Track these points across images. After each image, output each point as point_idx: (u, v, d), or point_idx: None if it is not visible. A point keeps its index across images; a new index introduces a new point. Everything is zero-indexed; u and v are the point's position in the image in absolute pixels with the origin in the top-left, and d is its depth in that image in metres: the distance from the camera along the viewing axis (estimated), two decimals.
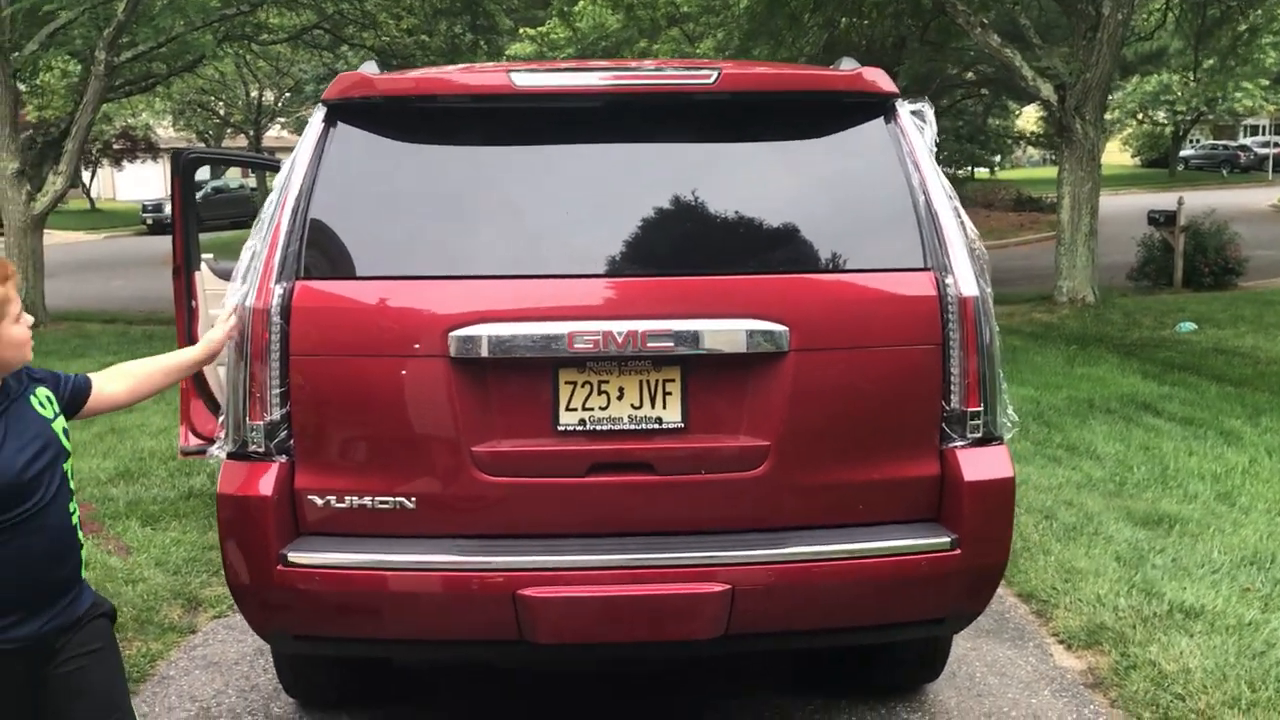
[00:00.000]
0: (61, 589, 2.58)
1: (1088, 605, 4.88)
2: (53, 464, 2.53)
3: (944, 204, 3.25)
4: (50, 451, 2.53)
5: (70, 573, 2.61)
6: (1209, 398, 9.40)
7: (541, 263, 3.18)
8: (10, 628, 2.48)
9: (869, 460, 3.18)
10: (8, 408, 2.49)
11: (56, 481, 2.54)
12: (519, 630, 3.06)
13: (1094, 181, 15.41)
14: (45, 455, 2.51)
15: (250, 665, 4.52)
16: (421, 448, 3.13)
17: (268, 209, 3.34)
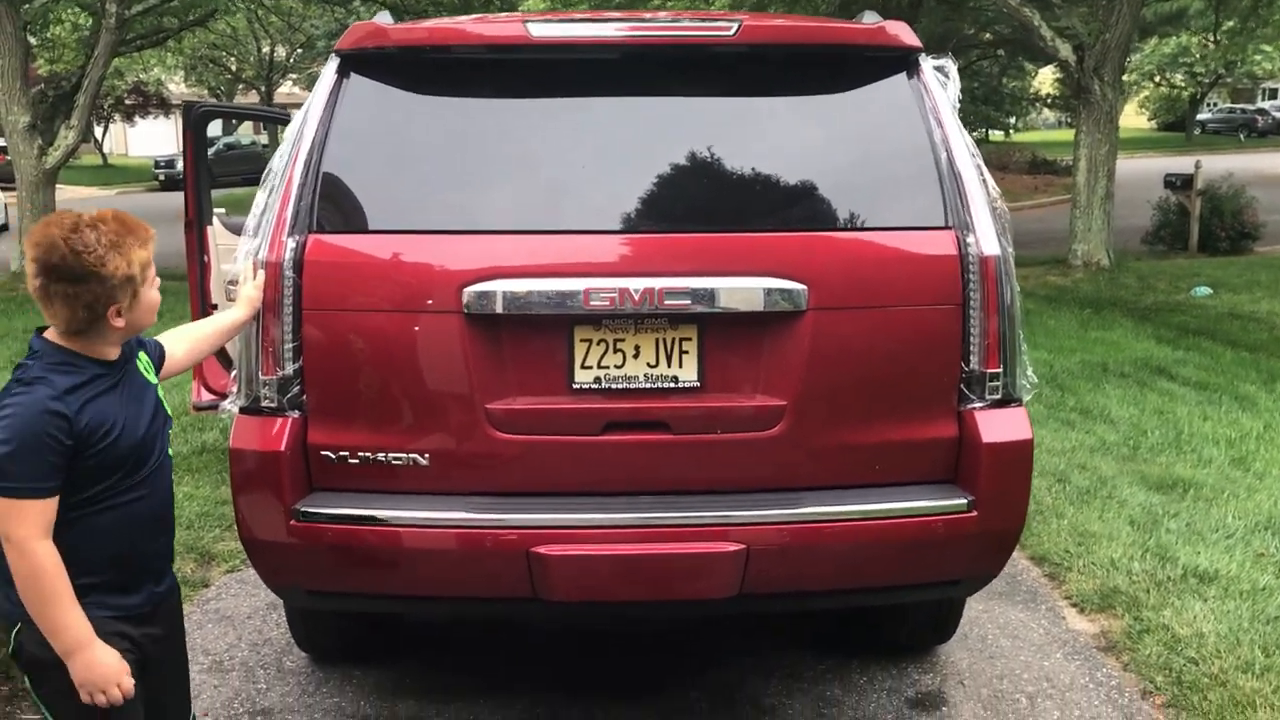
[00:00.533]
0: (165, 555, 2.60)
1: (1101, 569, 4.87)
2: (161, 428, 2.53)
3: (966, 161, 3.20)
4: (159, 416, 2.53)
5: (170, 539, 2.63)
6: (1224, 363, 9.35)
7: (557, 218, 3.14)
8: (139, 590, 2.48)
9: (886, 421, 3.15)
10: (125, 371, 2.47)
11: (164, 445, 2.54)
12: (533, 588, 3.05)
13: (1111, 144, 15.25)
14: (157, 419, 2.51)
15: (263, 619, 4.54)
16: (435, 404, 3.10)
17: (279, 161, 3.30)
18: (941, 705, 3.84)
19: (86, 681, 2.31)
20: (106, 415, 2.35)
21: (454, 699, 3.86)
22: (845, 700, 3.87)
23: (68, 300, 2.31)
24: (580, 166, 3.22)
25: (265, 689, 3.96)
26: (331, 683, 3.99)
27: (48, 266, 2.30)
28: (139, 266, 2.38)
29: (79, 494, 2.32)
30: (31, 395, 2.27)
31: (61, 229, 2.31)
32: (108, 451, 2.35)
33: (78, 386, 2.32)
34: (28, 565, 2.25)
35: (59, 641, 2.30)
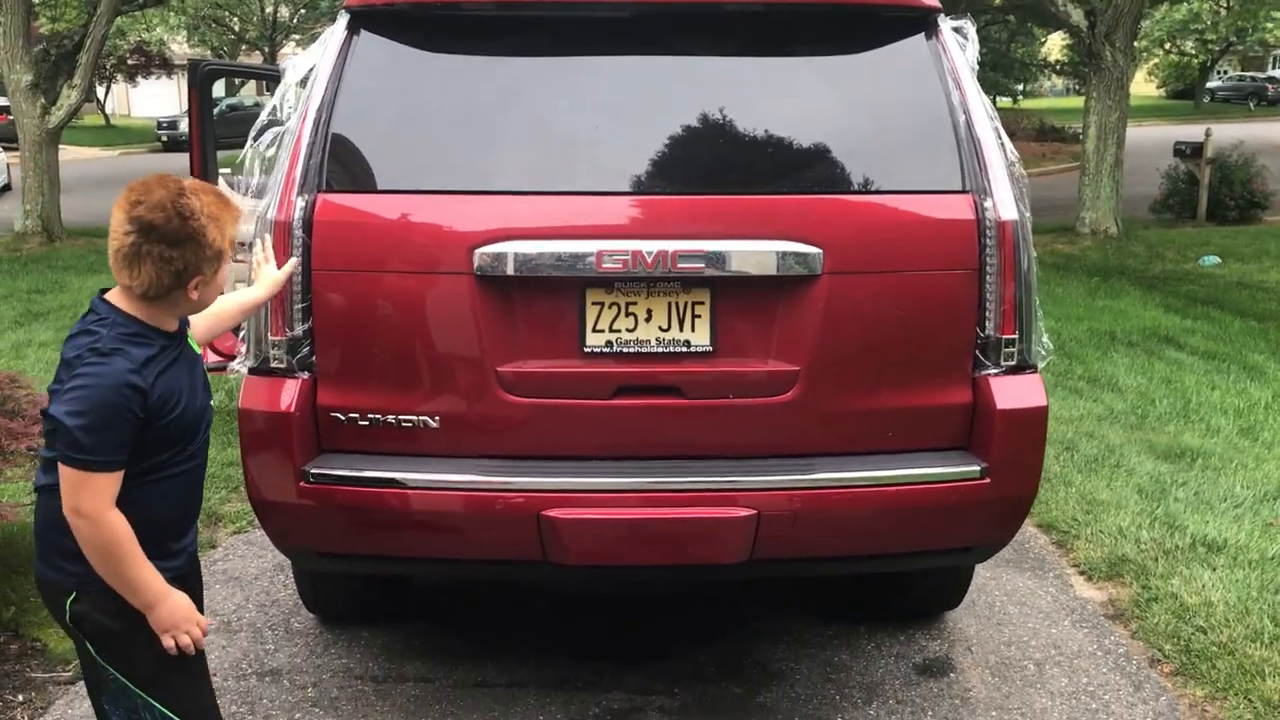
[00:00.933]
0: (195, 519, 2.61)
1: (1109, 537, 4.86)
2: (209, 399, 2.53)
3: (985, 125, 3.15)
4: (207, 386, 2.53)
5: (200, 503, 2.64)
6: (1232, 332, 9.31)
7: (570, 178, 3.11)
8: (182, 552, 2.50)
9: (900, 387, 3.12)
10: (183, 343, 2.46)
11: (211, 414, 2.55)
12: (543, 551, 3.04)
13: (1121, 111, 15.12)
14: (207, 389, 2.52)
15: (270, 580, 4.54)
16: (445, 366, 3.08)
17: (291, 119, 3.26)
18: (949, 671, 3.84)
19: (170, 627, 2.34)
20: (174, 387, 2.35)
21: (461, 661, 3.87)
22: (853, 666, 3.87)
23: (160, 263, 2.28)
24: (593, 126, 3.18)
25: (273, 650, 3.96)
26: (339, 644, 4.00)
27: (149, 226, 2.26)
28: (228, 243, 2.39)
29: (138, 465, 2.31)
30: (110, 367, 2.23)
31: (168, 190, 2.29)
32: (174, 424, 2.35)
33: (151, 359, 2.30)
34: (102, 536, 2.25)
35: (139, 598, 2.31)
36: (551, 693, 3.66)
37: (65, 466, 2.21)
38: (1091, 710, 3.58)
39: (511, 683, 3.73)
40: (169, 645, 2.35)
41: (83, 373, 2.23)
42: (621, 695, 3.65)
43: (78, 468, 2.21)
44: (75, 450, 2.20)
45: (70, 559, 2.32)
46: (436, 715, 3.53)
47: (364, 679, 3.76)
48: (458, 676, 3.77)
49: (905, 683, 3.77)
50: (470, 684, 3.72)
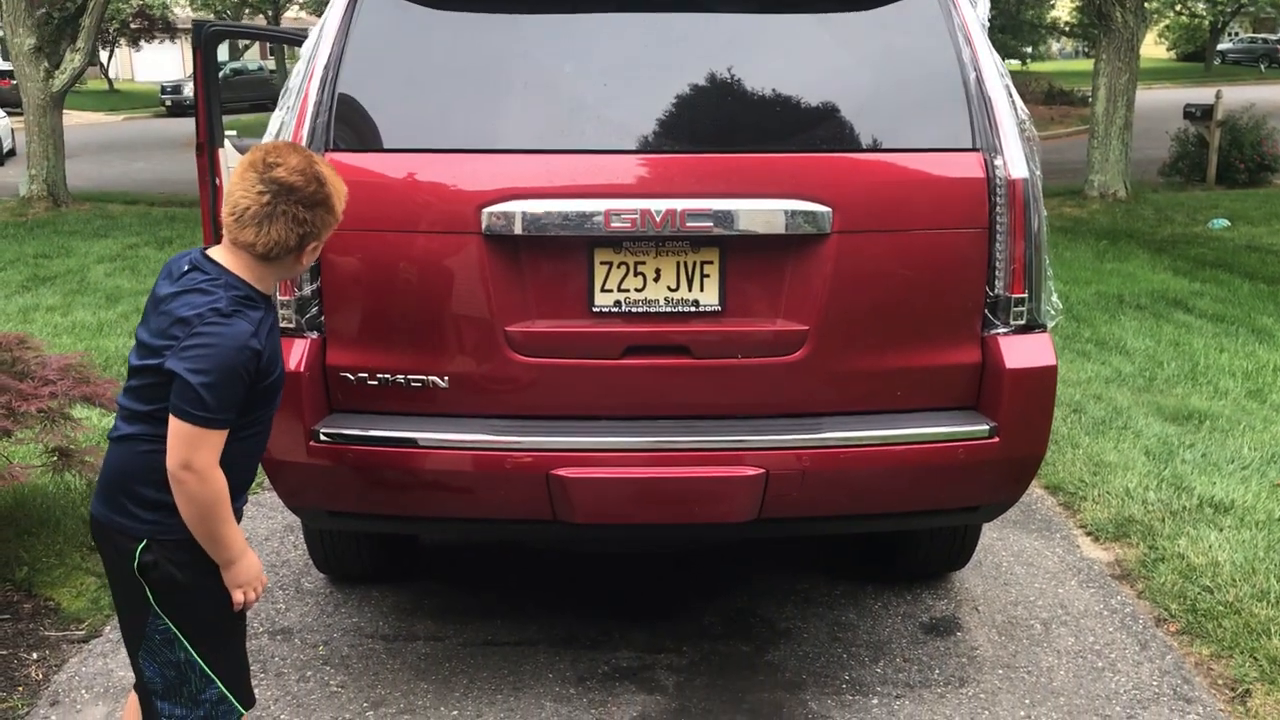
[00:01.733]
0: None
1: (1116, 498, 4.87)
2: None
3: (996, 82, 3.13)
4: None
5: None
6: (1241, 295, 9.28)
7: (578, 137, 3.09)
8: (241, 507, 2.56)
9: (909, 346, 3.12)
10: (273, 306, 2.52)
11: None
12: (552, 510, 3.05)
13: (1131, 73, 14.98)
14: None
15: (280, 541, 4.57)
16: (454, 326, 3.08)
17: (295, 79, 3.25)
18: (956, 630, 3.86)
19: (244, 583, 2.44)
20: (276, 349, 2.46)
21: (471, 619, 3.90)
22: (860, 624, 3.90)
23: (291, 223, 2.36)
24: (602, 84, 3.16)
25: (284, 609, 3.99)
26: (350, 603, 4.03)
27: (290, 186, 2.35)
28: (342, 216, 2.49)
29: (240, 420, 2.37)
30: (234, 329, 2.29)
31: (304, 156, 2.40)
32: (272, 385, 2.44)
33: (261, 321, 2.37)
34: (207, 492, 2.30)
35: (224, 553, 2.39)
36: (560, 651, 3.69)
37: (183, 422, 2.26)
38: (1098, 668, 3.60)
39: (521, 641, 3.76)
40: (238, 600, 2.44)
41: (204, 332, 2.27)
42: (630, 653, 3.68)
43: (198, 424, 2.26)
44: (197, 407, 2.25)
45: (148, 507, 2.37)
46: (447, 673, 3.56)
47: (374, 637, 3.79)
48: (467, 635, 3.80)
49: (912, 641, 3.79)
50: (480, 642, 3.75)
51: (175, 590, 2.40)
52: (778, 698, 3.44)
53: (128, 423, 2.41)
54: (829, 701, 3.42)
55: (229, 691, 2.49)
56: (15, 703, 3.37)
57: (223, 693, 2.47)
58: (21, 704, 3.37)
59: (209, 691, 2.46)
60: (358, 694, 3.45)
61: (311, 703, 3.40)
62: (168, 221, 13.53)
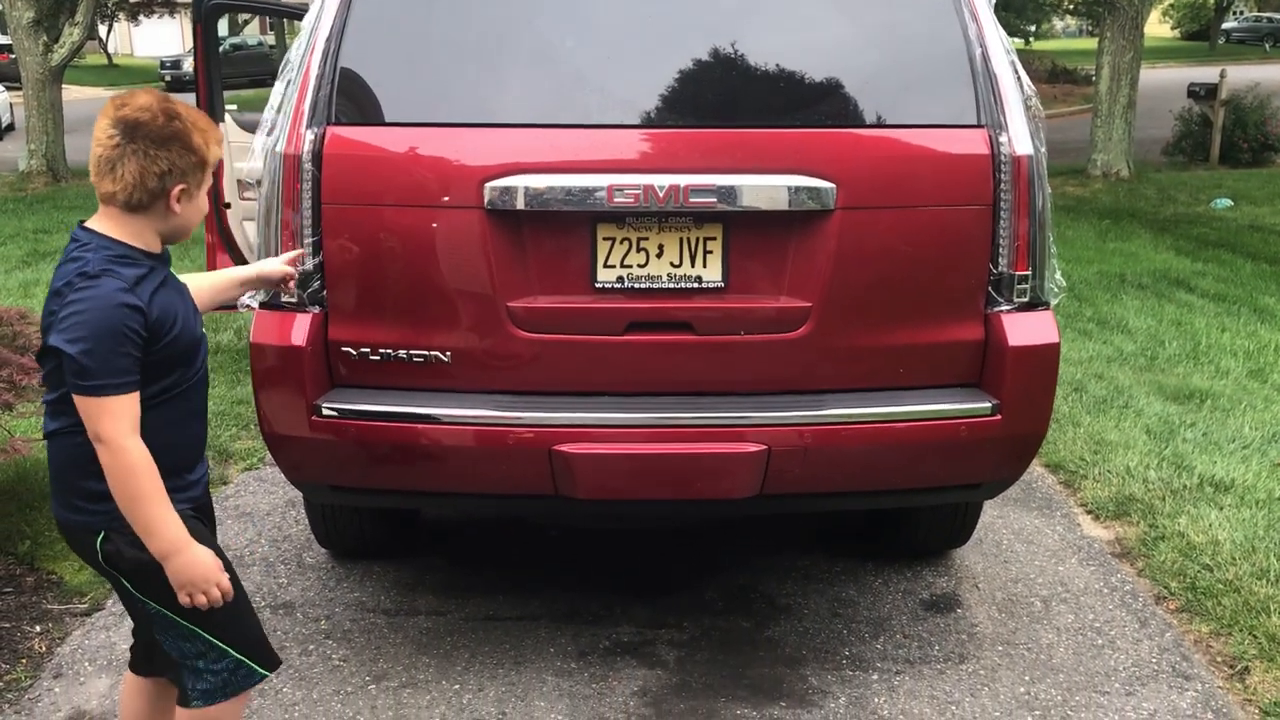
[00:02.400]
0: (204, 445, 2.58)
1: (1117, 477, 4.87)
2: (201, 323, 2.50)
3: (1001, 58, 3.11)
4: (199, 315, 2.50)
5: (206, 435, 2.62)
6: (1243, 275, 9.27)
7: (581, 111, 3.07)
8: (198, 482, 2.49)
9: (912, 323, 3.11)
10: (169, 268, 2.43)
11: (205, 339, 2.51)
12: (554, 485, 3.05)
13: (1135, 51, 14.93)
14: (198, 313, 2.48)
15: (282, 516, 4.57)
16: (456, 302, 3.07)
17: (296, 52, 3.23)
18: (956, 607, 3.87)
19: (186, 583, 2.29)
20: (170, 307, 2.32)
21: (472, 594, 3.91)
22: (860, 601, 3.91)
23: (145, 161, 2.23)
24: (605, 58, 3.14)
25: (286, 583, 4.00)
26: (352, 578, 4.04)
27: (134, 124, 2.23)
28: (212, 158, 2.34)
29: (148, 388, 2.28)
30: (101, 288, 2.18)
31: (153, 95, 2.31)
32: (174, 344, 2.31)
33: (142, 278, 2.26)
34: (121, 463, 2.20)
35: (155, 543, 2.25)
36: (562, 625, 3.70)
37: (78, 397, 2.19)
38: (1097, 645, 3.62)
39: (522, 616, 3.77)
40: (184, 601, 2.31)
41: (74, 299, 2.18)
42: (631, 628, 3.69)
43: (90, 394, 2.17)
44: (83, 378, 2.16)
45: (93, 499, 2.30)
46: (448, 648, 3.57)
47: (376, 612, 3.80)
48: (469, 610, 3.81)
49: (912, 618, 3.80)
50: (481, 617, 3.76)
51: (149, 573, 2.32)
52: (778, 673, 3.45)
53: (51, 417, 2.34)
54: (829, 677, 3.43)
55: (244, 658, 2.45)
56: (19, 675, 3.38)
57: (238, 660, 2.44)
58: (25, 676, 3.38)
59: (223, 662, 2.43)
60: (360, 667, 3.46)
61: (314, 676, 3.41)
62: None
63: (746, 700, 3.30)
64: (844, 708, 3.27)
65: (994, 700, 3.31)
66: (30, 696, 3.27)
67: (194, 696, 2.46)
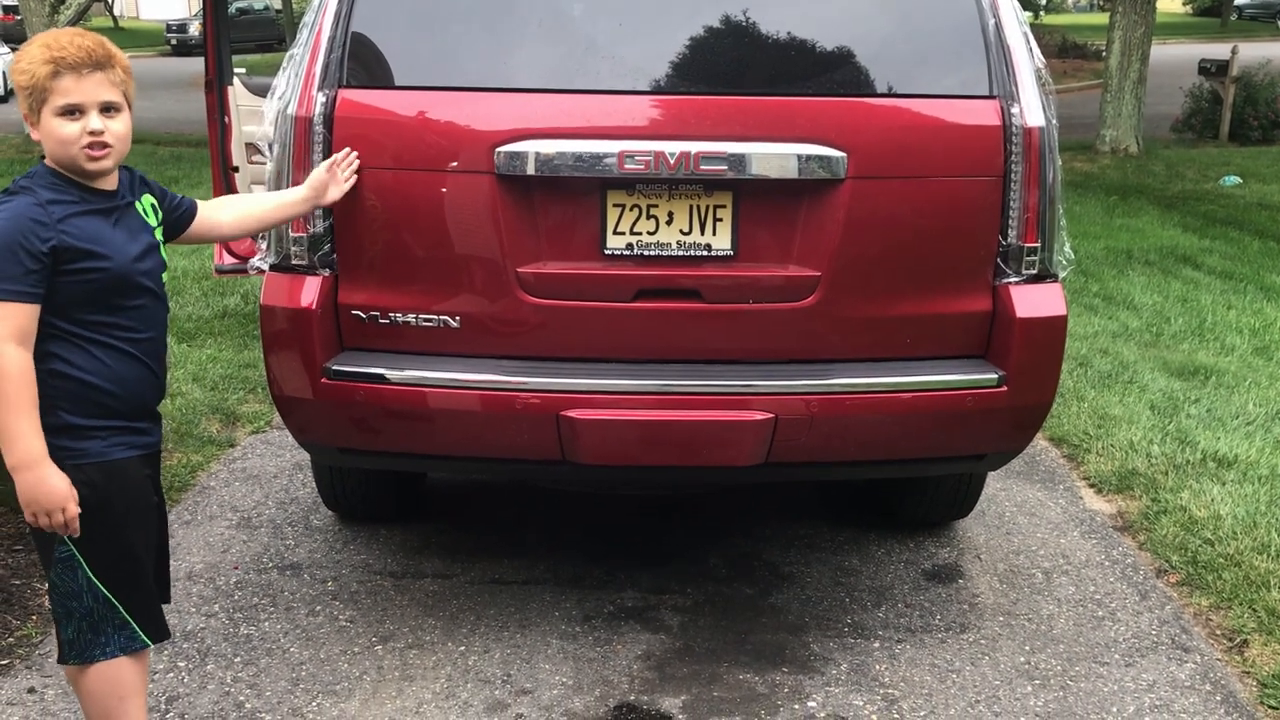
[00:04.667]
0: (160, 397, 2.59)
1: (1120, 451, 4.89)
2: (155, 269, 2.49)
3: (1015, 29, 3.10)
4: (153, 256, 2.49)
5: (164, 385, 2.62)
6: (1250, 253, 9.26)
7: (592, 77, 3.07)
8: (145, 432, 2.51)
9: (920, 294, 3.12)
10: (122, 205, 2.45)
11: (159, 286, 2.51)
12: (561, 450, 3.07)
13: (1147, 25, 14.83)
14: (150, 258, 2.48)
15: (289, 479, 4.60)
16: (465, 267, 3.08)
17: (310, 14, 3.22)
18: (958, 578, 3.90)
19: (32, 501, 2.30)
20: (94, 234, 2.34)
21: (478, 558, 3.94)
22: (863, 570, 3.93)
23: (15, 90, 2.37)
24: (616, 24, 3.13)
25: (293, 545, 4.04)
26: (358, 540, 4.07)
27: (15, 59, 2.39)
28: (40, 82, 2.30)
29: (68, 318, 2.32)
30: (12, 202, 2.29)
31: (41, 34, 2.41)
32: (98, 275, 2.33)
33: (62, 201, 2.33)
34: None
35: (10, 453, 2.27)
36: (566, 590, 3.73)
37: None
38: (1098, 617, 3.64)
39: (528, 580, 3.80)
40: (29, 520, 2.34)
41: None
42: (635, 594, 3.72)
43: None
44: None
45: None
46: (454, 610, 3.61)
47: (383, 574, 3.83)
48: (475, 573, 3.84)
49: (914, 587, 3.83)
50: (487, 580, 3.80)
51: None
52: (780, 639, 3.48)
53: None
54: (831, 644, 3.46)
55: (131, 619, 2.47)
56: (29, 630, 3.42)
57: (125, 619, 2.46)
58: (35, 632, 3.42)
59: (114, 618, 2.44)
60: (366, 628, 3.49)
61: (321, 636, 3.45)
62: (174, 161, 13.50)
63: (749, 665, 3.34)
64: (845, 674, 3.30)
65: (994, 669, 3.35)
66: (41, 652, 3.31)
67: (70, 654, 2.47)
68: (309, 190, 2.94)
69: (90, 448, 2.38)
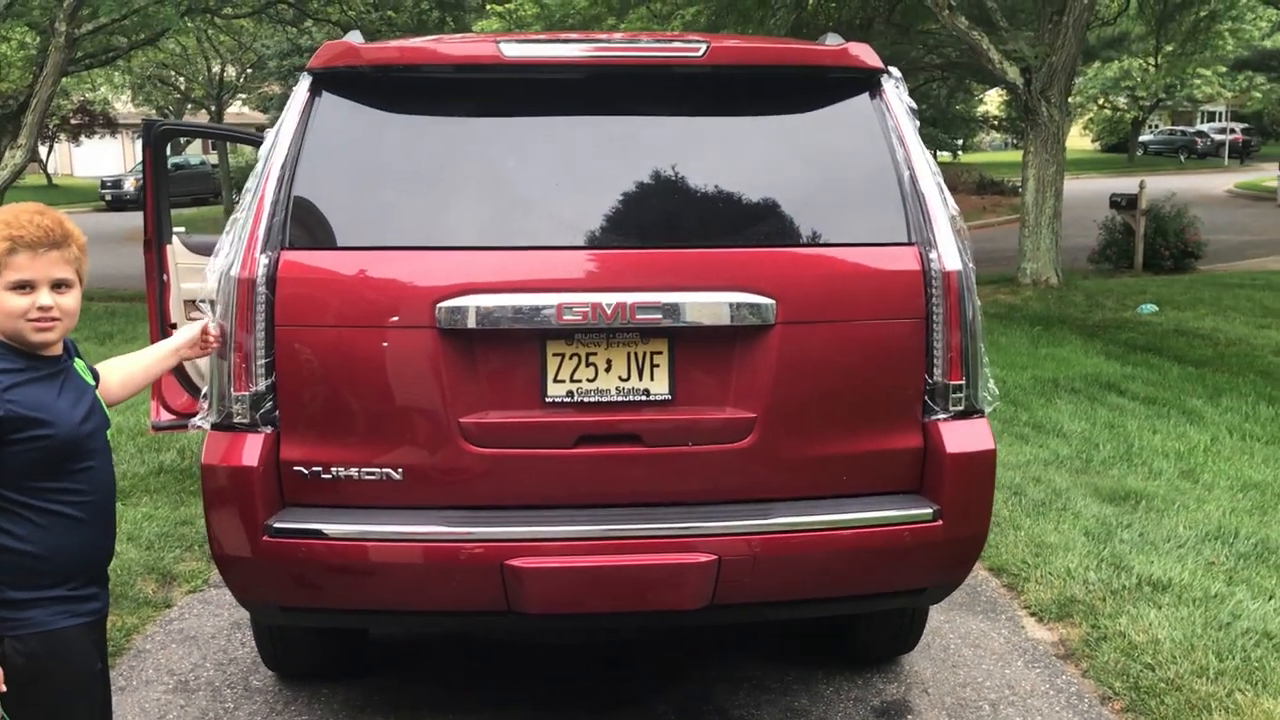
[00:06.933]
0: (108, 560, 2.59)
1: (1058, 579, 4.96)
2: (100, 428, 2.54)
3: (929, 179, 3.28)
4: (98, 415, 2.54)
5: (112, 544, 2.62)
6: (1171, 378, 9.55)
7: (530, 234, 3.18)
8: (91, 599, 2.50)
9: (853, 432, 3.21)
10: (65, 369, 2.50)
11: (104, 446, 2.55)
12: (506, 600, 3.07)
13: (1058, 164, 15.55)
14: (95, 417, 2.52)
15: (227, 639, 4.51)
16: (408, 419, 3.12)
17: (252, 180, 3.31)
18: (907, 713, 3.90)
19: None
20: (40, 402, 2.39)
21: (423, 713, 3.87)
22: (813, 710, 3.92)
23: None
24: (553, 184, 3.26)
25: (233, 708, 3.93)
26: (300, 700, 3.98)
27: None
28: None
29: (24, 484, 2.35)
30: None
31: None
32: (46, 442, 2.37)
33: (7, 370, 2.37)
34: None
35: None
36: None
37: None
38: None
39: None
40: None
41: None
42: None
43: None
44: None
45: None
46: None
47: None
48: None
49: None
50: None
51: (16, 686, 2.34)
52: None
53: None
54: None
55: None
56: None
57: None
58: None
59: None
60: None
61: None
62: (108, 316, 13.44)
63: None
64: None
65: None
66: None
67: None
68: (177, 344, 3.05)
69: (32, 617, 2.36)
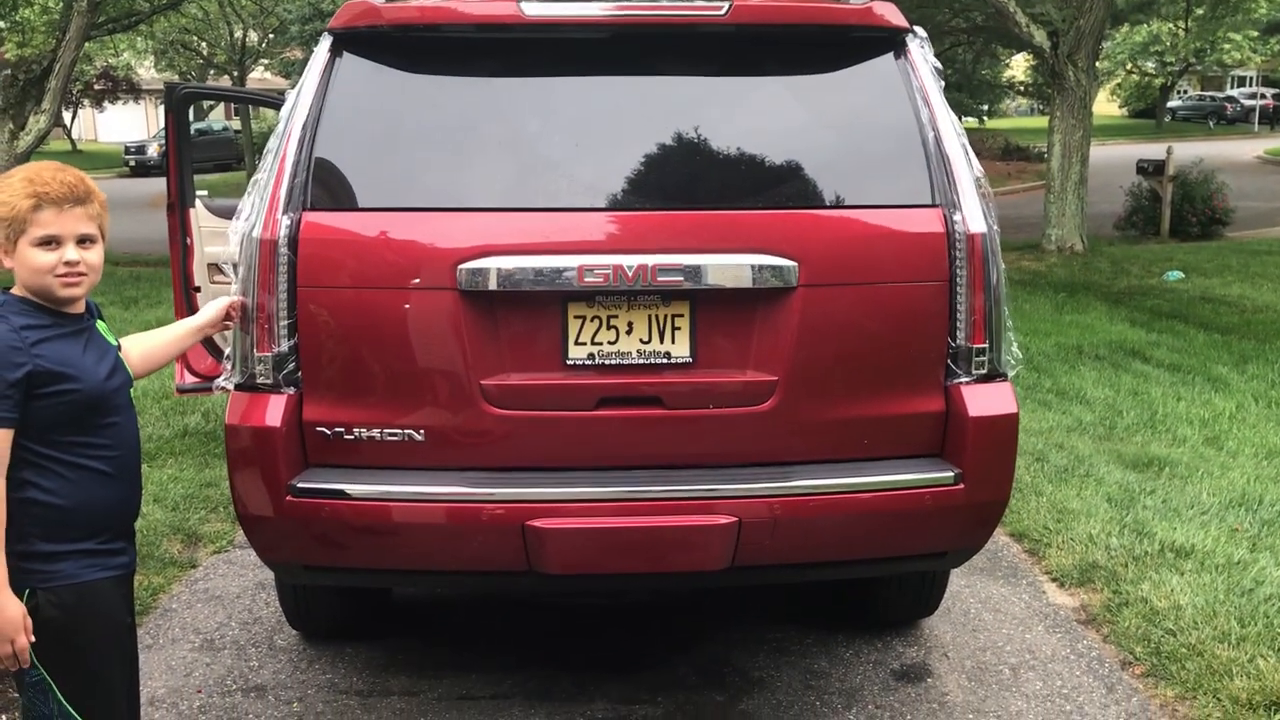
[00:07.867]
0: (135, 516, 2.62)
1: (1080, 544, 4.95)
2: (124, 385, 2.56)
3: (953, 141, 3.25)
4: (121, 373, 2.56)
5: (139, 500, 2.65)
6: (1196, 345, 9.48)
7: (551, 195, 3.17)
8: (120, 553, 2.53)
9: (875, 396, 3.20)
10: (88, 327, 2.52)
11: (128, 402, 2.58)
12: (528, 560, 3.09)
13: (1085, 129, 15.39)
14: (119, 374, 2.55)
15: (252, 599, 4.55)
16: (430, 381, 3.13)
17: (274, 141, 3.31)
18: (926, 676, 3.91)
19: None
20: (66, 357, 2.41)
21: (445, 673, 3.90)
22: (832, 672, 3.94)
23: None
24: (574, 144, 3.25)
25: (258, 666, 3.98)
26: (324, 659, 4.02)
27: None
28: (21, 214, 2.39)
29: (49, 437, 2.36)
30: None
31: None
32: (71, 398, 2.39)
33: (34, 326, 2.38)
34: None
35: None
36: (536, 704, 3.70)
37: None
38: (1066, 712, 3.66)
39: (496, 694, 3.76)
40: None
41: None
42: (605, 704, 3.69)
43: None
44: None
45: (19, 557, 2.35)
46: None
47: (349, 694, 3.79)
48: (442, 689, 3.80)
49: (883, 688, 3.83)
50: (455, 696, 3.76)
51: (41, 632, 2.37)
52: None
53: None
54: None
55: None
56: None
57: None
58: None
59: None
60: None
61: None
62: (133, 281, 13.51)
63: None
64: None
65: None
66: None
67: None
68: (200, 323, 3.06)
69: (63, 569, 2.39)
